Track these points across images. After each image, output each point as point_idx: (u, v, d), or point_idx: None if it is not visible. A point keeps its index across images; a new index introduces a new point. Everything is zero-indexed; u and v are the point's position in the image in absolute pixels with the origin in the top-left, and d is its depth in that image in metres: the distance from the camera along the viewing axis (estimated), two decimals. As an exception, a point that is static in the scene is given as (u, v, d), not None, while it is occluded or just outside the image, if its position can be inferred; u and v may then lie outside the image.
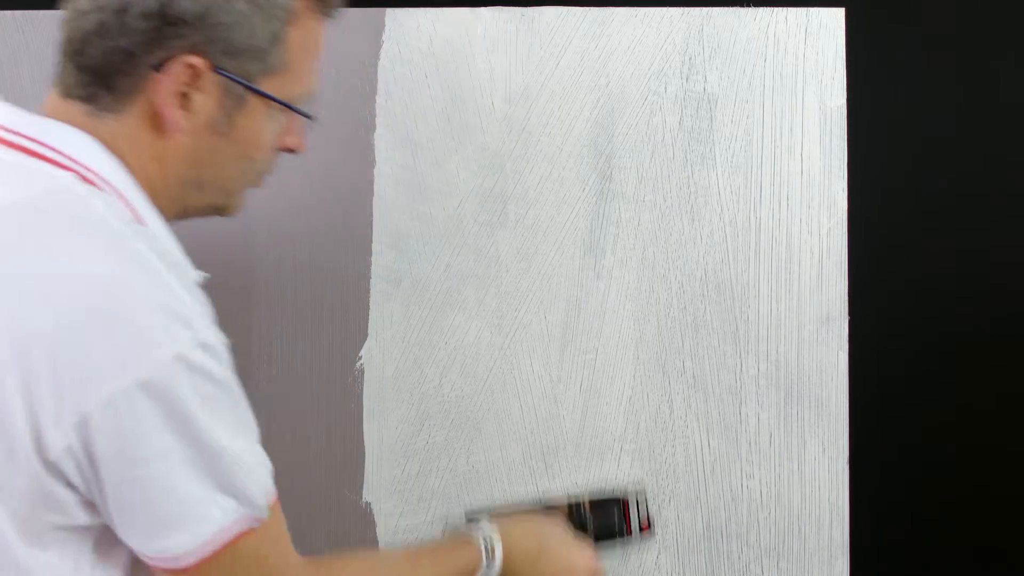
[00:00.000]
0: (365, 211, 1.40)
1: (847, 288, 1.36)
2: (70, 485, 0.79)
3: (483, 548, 1.06)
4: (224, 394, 0.82)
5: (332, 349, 1.40)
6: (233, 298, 1.41)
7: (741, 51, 1.38)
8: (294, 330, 1.40)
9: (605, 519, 1.19)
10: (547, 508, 1.20)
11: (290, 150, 0.98)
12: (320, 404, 1.39)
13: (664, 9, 1.39)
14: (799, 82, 1.38)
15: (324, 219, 1.41)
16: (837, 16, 1.37)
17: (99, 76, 0.86)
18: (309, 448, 1.39)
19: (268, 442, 1.22)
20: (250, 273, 1.41)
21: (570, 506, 1.20)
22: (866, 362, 1.36)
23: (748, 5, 1.38)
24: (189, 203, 0.93)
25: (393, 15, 1.40)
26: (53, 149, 0.84)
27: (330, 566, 0.97)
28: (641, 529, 1.20)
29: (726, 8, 1.38)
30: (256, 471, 0.84)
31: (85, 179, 0.83)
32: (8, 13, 1.40)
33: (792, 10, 1.38)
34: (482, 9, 1.40)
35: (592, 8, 1.39)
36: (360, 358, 1.40)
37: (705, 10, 1.38)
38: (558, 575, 1.13)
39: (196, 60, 0.85)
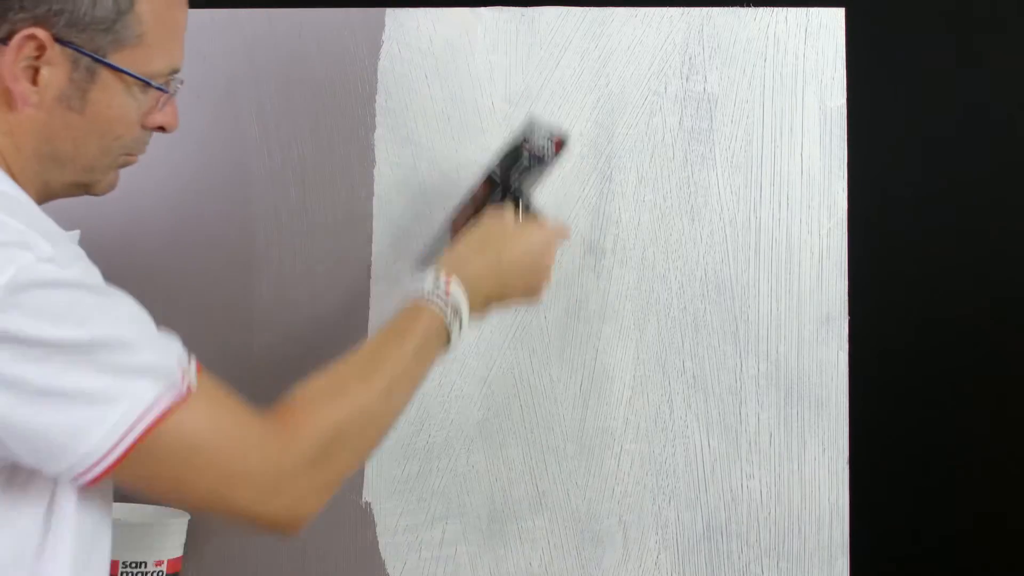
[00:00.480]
0: (365, 211, 1.40)
1: (847, 288, 1.36)
2: None
3: (447, 312, 1.02)
4: (87, 295, 0.81)
5: (332, 349, 1.40)
6: (233, 298, 1.41)
7: (741, 51, 1.38)
8: (294, 330, 1.40)
9: (520, 172, 1.17)
10: (474, 202, 1.17)
11: (161, 129, 0.97)
12: (320, 404, 1.39)
13: (664, 9, 1.39)
14: (799, 82, 1.38)
15: (324, 219, 1.41)
16: (837, 16, 1.37)
17: None
18: (309, 448, 1.39)
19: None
20: (250, 273, 1.41)
21: (487, 184, 1.18)
22: (866, 362, 1.36)
23: (748, 5, 1.38)
24: (51, 180, 0.93)
25: (393, 15, 1.40)
26: None
27: (293, 412, 0.92)
28: (556, 150, 1.19)
29: (726, 8, 1.38)
30: (161, 348, 0.83)
31: None
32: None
33: (792, 10, 1.38)
34: (482, 9, 1.40)
35: (592, 8, 1.39)
36: (360, 358, 1.39)
37: (705, 10, 1.38)
38: (529, 271, 1.10)
39: (39, 32, 0.85)
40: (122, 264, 0.95)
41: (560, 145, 1.20)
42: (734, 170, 1.38)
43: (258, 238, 1.41)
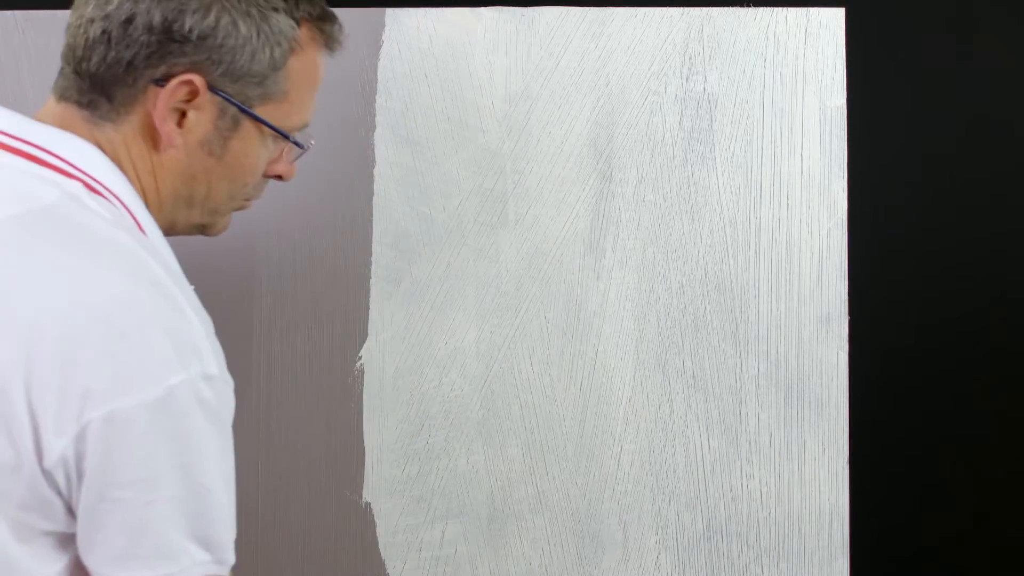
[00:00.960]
0: (365, 211, 1.40)
1: (847, 288, 1.37)
2: (60, 494, 0.79)
3: None
4: (219, 434, 0.82)
5: (332, 349, 1.40)
6: (233, 298, 1.41)
7: (741, 51, 1.38)
8: (294, 330, 1.40)
9: None
10: None
11: (279, 177, 1.00)
12: (320, 404, 1.39)
13: (664, 9, 1.39)
14: (799, 82, 1.38)
15: (324, 219, 1.41)
16: (837, 16, 1.37)
17: (99, 84, 0.87)
18: (309, 448, 1.39)
19: (268, 442, 1.23)
20: (250, 273, 1.41)
21: None
22: (866, 362, 1.36)
23: (748, 5, 1.38)
24: (178, 219, 0.94)
25: (393, 15, 1.40)
26: (58, 157, 0.85)
27: None
28: None
29: (726, 8, 1.38)
30: (232, 527, 0.84)
31: (91, 188, 0.84)
32: (8, 13, 1.40)
33: (792, 10, 1.38)
34: (482, 9, 1.40)
35: (592, 8, 1.39)
36: (360, 358, 1.40)
37: (705, 10, 1.38)
38: None
39: (195, 78, 0.86)
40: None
41: None
42: (734, 170, 1.38)
43: (258, 238, 1.41)
